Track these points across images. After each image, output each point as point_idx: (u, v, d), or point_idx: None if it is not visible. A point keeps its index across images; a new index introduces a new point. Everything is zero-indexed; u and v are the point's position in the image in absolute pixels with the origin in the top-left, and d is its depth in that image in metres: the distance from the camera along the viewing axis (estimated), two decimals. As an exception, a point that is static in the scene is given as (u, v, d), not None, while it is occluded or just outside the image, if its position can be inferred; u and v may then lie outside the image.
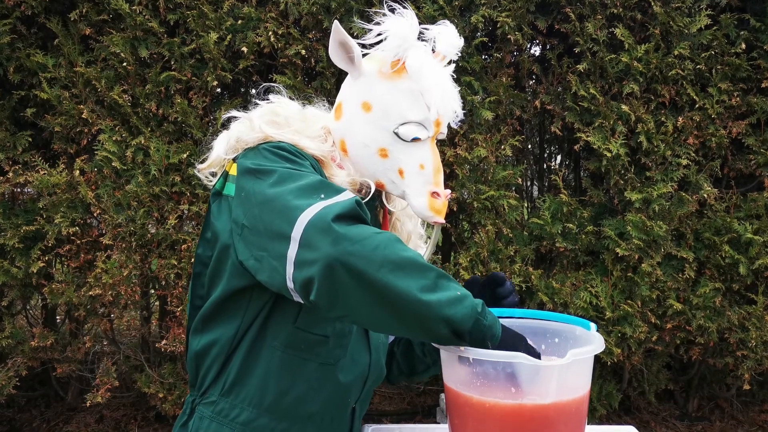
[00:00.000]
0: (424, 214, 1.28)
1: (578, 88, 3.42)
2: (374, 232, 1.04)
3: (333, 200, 1.07)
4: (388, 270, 1.01)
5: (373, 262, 1.01)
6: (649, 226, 3.36)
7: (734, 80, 3.47)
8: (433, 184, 1.28)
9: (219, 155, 1.28)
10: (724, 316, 3.48)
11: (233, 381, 1.25)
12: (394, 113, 1.26)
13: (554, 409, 1.11)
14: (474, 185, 3.42)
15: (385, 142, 1.27)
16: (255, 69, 3.38)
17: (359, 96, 1.30)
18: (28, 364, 3.29)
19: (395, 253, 1.03)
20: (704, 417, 4.08)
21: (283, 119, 1.29)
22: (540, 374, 1.10)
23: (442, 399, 3.74)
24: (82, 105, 3.19)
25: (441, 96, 1.27)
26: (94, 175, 3.23)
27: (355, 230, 1.03)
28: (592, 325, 1.28)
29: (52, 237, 3.18)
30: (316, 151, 1.26)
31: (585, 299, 3.41)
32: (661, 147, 3.42)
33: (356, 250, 1.01)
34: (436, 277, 1.05)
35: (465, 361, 1.13)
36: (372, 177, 1.31)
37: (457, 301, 1.04)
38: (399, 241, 1.06)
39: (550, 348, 1.33)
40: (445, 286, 1.05)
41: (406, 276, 1.02)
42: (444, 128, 1.32)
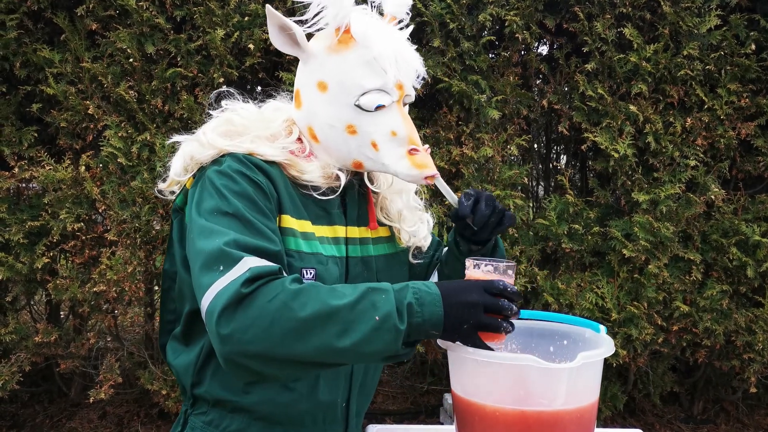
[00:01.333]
0: (411, 174, 1.23)
1: (586, 88, 3.40)
2: (264, 306, 0.98)
3: (226, 279, 1.01)
4: (292, 340, 0.98)
5: (273, 342, 0.98)
6: (656, 227, 3.34)
7: (743, 81, 3.44)
8: (408, 144, 1.23)
9: (176, 176, 1.24)
10: (731, 319, 3.45)
11: (220, 393, 1.23)
12: (350, 86, 1.21)
13: (563, 415, 1.09)
14: (480, 184, 3.40)
15: (350, 118, 1.22)
16: (261, 66, 3.36)
17: (313, 77, 1.25)
18: (31, 359, 3.29)
19: (293, 318, 0.98)
20: (709, 420, 4.06)
21: (240, 127, 1.23)
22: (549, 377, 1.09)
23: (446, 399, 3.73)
24: (88, 101, 3.19)
25: (395, 56, 1.22)
26: (100, 171, 3.22)
27: (241, 318, 0.98)
28: (602, 328, 1.26)
29: (57, 233, 3.17)
30: (277, 156, 1.21)
31: (591, 300, 3.39)
32: (669, 148, 3.39)
33: (249, 339, 0.98)
34: (345, 313, 0.99)
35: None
36: (348, 158, 1.26)
37: (374, 333, 0.99)
38: (296, 297, 0.99)
39: (559, 350, 1.31)
40: (358, 320, 0.99)
41: (313, 334, 0.98)
42: (409, 90, 1.26)
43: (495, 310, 1.04)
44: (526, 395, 1.10)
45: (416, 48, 1.31)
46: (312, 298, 1.00)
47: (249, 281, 1.00)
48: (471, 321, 1.03)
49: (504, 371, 1.11)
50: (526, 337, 1.34)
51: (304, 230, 1.21)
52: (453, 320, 1.03)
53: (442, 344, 1.18)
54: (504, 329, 1.05)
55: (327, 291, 1.02)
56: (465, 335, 1.05)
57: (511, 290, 1.06)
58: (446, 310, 1.02)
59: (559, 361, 1.29)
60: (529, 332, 1.34)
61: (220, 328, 0.98)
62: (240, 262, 1.02)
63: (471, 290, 1.05)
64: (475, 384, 1.14)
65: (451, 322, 1.03)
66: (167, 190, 1.29)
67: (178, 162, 1.25)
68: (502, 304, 1.04)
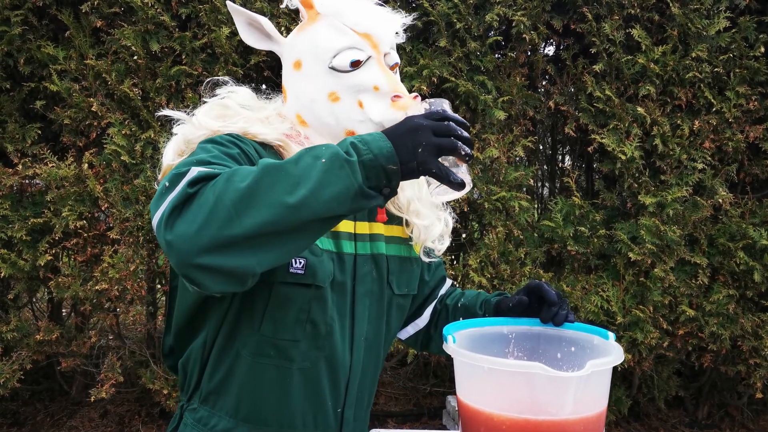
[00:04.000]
0: (392, 116, 1.16)
1: (594, 89, 3.37)
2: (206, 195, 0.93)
3: (170, 195, 0.96)
4: (242, 212, 0.91)
5: (221, 221, 0.91)
6: (663, 230, 3.31)
7: (752, 84, 3.41)
8: (397, 93, 1.18)
9: (169, 162, 1.19)
10: (737, 324, 3.42)
11: (209, 390, 1.21)
12: (321, 52, 1.20)
13: (571, 424, 1.07)
14: (485, 186, 3.38)
15: (330, 85, 1.20)
16: (266, 65, 3.34)
17: (288, 62, 1.25)
18: (32, 357, 3.27)
19: (236, 189, 0.92)
20: (714, 425, 4.03)
21: (233, 110, 1.22)
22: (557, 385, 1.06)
23: (449, 401, 3.71)
24: (91, 98, 3.17)
25: (362, 14, 1.20)
26: (103, 168, 3.21)
27: (186, 213, 0.93)
28: (611, 334, 1.23)
29: (60, 230, 3.16)
30: (270, 135, 1.18)
31: (596, 303, 3.36)
32: (677, 150, 3.37)
33: (197, 230, 0.91)
34: (290, 168, 0.94)
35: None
36: (338, 129, 1.21)
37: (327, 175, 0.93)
38: (235, 173, 0.93)
39: (567, 357, 1.29)
40: (305, 170, 0.93)
41: (263, 197, 0.92)
42: (386, 47, 1.23)
43: (443, 132, 0.99)
44: (533, 404, 1.07)
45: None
46: (251, 168, 0.95)
47: (194, 182, 0.95)
48: (423, 142, 0.97)
49: (511, 379, 1.09)
50: (533, 343, 1.32)
51: None
52: (405, 147, 0.97)
53: (448, 350, 1.16)
54: (460, 148, 0.98)
55: (266, 160, 0.96)
56: (423, 161, 0.97)
57: (453, 116, 1.02)
58: (393, 141, 0.97)
59: (567, 368, 1.27)
60: (537, 338, 1.32)
61: (167, 231, 0.93)
62: (188, 173, 0.97)
63: (412, 119, 1.00)
64: (481, 391, 1.12)
65: (403, 149, 0.97)
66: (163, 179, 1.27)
67: (171, 147, 1.21)
68: (449, 126, 0.99)
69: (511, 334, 1.32)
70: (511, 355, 1.32)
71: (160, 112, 1.30)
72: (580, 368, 1.04)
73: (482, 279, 3.31)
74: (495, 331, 1.31)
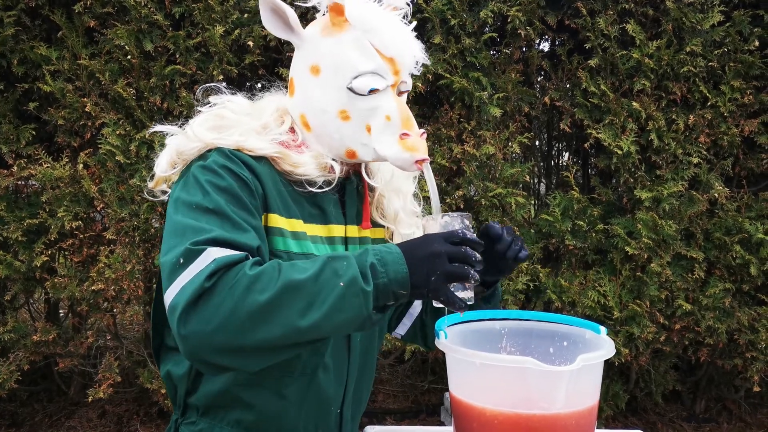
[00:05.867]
0: (401, 158, 1.17)
1: (589, 84, 3.37)
2: (224, 296, 0.95)
3: (189, 273, 0.98)
4: (257, 325, 0.96)
5: (236, 329, 0.95)
6: (659, 225, 3.31)
7: (747, 78, 3.41)
8: (402, 128, 1.18)
9: (162, 173, 1.20)
10: (734, 317, 3.43)
11: (209, 403, 1.20)
12: (344, 68, 1.18)
13: (563, 418, 1.07)
14: (481, 182, 3.38)
15: (343, 103, 1.19)
16: (261, 63, 3.34)
17: (306, 62, 1.23)
18: (30, 358, 3.27)
19: (254, 302, 0.95)
20: (711, 418, 4.03)
21: (229, 121, 1.20)
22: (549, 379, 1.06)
23: (446, 398, 3.71)
24: (85, 98, 3.17)
25: (391, 38, 1.19)
26: (98, 168, 3.20)
27: (203, 311, 0.95)
28: (602, 329, 1.24)
29: (55, 231, 3.15)
30: (267, 149, 1.17)
31: (593, 298, 3.37)
32: (672, 145, 3.37)
33: (212, 330, 0.95)
34: (310, 286, 0.97)
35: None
36: (341, 146, 1.22)
37: (342, 301, 0.97)
38: (256, 280, 0.96)
39: (559, 351, 1.29)
40: (323, 291, 0.97)
41: (278, 314, 0.96)
42: (406, 77, 1.23)
43: (459, 258, 1.03)
44: (526, 398, 1.08)
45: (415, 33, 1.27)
46: (273, 278, 0.97)
47: (212, 274, 0.97)
48: (438, 271, 1.02)
49: (503, 374, 1.09)
50: (526, 338, 1.32)
51: (294, 229, 1.18)
52: (419, 274, 1.02)
53: (440, 346, 1.16)
54: (472, 276, 1.03)
55: (288, 267, 0.99)
56: (434, 288, 1.02)
57: (471, 238, 1.06)
58: (410, 266, 1.02)
59: (560, 363, 1.27)
60: (529, 333, 1.32)
61: (182, 325, 0.96)
62: (203, 254, 0.99)
63: (432, 242, 1.04)
64: (473, 386, 1.12)
65: (418, 276, 1.02)
66: (156, 189, 1.25)
67: (164, 158, 1.21)
68: (465, 252, 1.03)
69: (504, 330, 1.33)
70: (503, 351, 1.32)
71: (153, 128, 1.30)
72: (572, 363, 1.05)
73: (479, 275, 3.30)
74: (487, 327, 1.32)
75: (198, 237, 1.01)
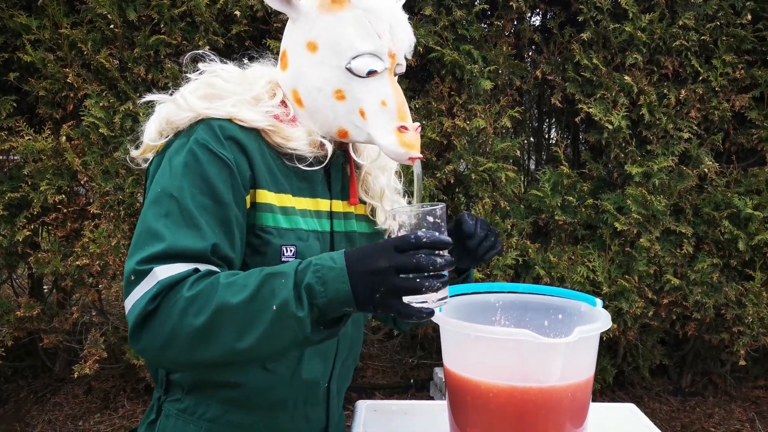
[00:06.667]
0: (396, 152, 1.16)
1: (581, 58, 3.33)
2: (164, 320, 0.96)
3: (138, 292, 0.99)
4: (196, 348, 0.97)
5: (179, 351, 0.98)
6: (649, 200, 3.30)
7: (739, 52, 3.39)
8: (399, 119, 1.16)
9: (151, 141, 1.17)
10: (721, 292, 3.44)
11: (194, 382, 1.18)
12: (343, 47, 1.15)
13: (559, 391, 1.05)
14: (472, 157, 3.35)
15: (340, 82, 1.16)
16: (248, 34, 3.27)
17: (303, 37, 1.19)
18: (14, 334, 3.23)
19: (190, 326, 0.95)
20: (697, 392, 4.08)
21: (221, 90, 1.17)
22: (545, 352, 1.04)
23: (436, 373, 3.71)
24: (67, 68, 3.09)
25: (391, 22, 1.17)
26: (81, 141, 3.13)
27: (148, 334, 0.98)
28: (598, 301, 1.22)
29: (38, 205, 3.09)
30: (260, 121, 1.14)
31: (582, 274, 3.36)
32: (663, 120, 3.35)
33: (158, 350, 0.98)
34: (241, 312, 0.94)
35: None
36: (333, 125, 1.20)
37: (274, 327, 0.94)
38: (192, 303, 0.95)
39: (554, 324, 1.28)
40: (255, 316, 0.94)
41: (213, 340, 0.96)
42: (401, 59, 1.21)
43: (410, 269, 0.92)
44: (522, 371, 1.06)
45: (407, 16, 1.25)
46: (207, 300, 0.95)
47: (154, 297, 0.97)
48: (382, 288, 0.92)
49: (498, 346, 1.07)
50: (520, 311, 1.30)
51: (283, 204, 1.15)
52: (363, 292, 0.93)
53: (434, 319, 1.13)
54: (427, 288, 0.92)
55: (224, 288, 0.96)
56: (382, 305, 0.93)
57: (428, 240, 0.92)
58: (354, 284, 0.93)
59: (555, 336, 1.25)
60: (523, 306, 1.30)
61: (134, 343, 1.00)
62: (149, 275, 0.99)
63: (379, 254, 0.93)
64: (468, 360, 1.10)
65: (362, 294, 0.93)
66: (140, 157, 1.22)
67: (152, 126, 1.17)
68: (417, 262, 0.91)
69: (498, 303, 1.31)
70: (497, 324, 1.30)
71: (143, 98, 1.26)
72: (567, 335, 1.03)
73: (468, 250, 3.29)
74: (481, 300, 1.30)
75: (149, 250, 1.01)
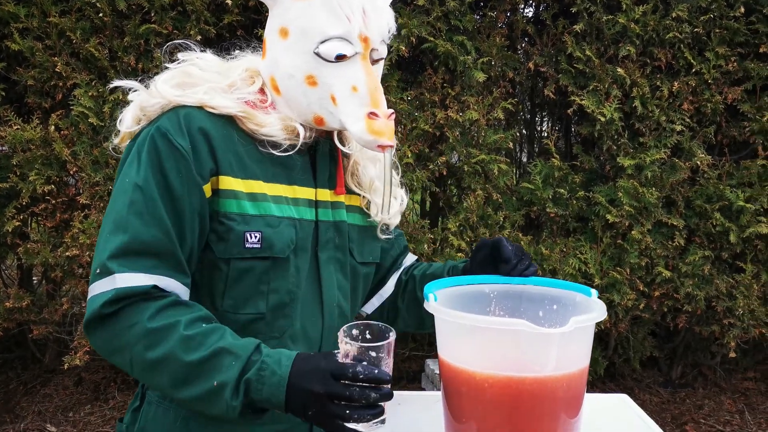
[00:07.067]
0: (364, 139, 1.14)
1: (574, 50, 3.32)
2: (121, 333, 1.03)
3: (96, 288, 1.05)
4: (142, 371, 1.05)
5: (127, 365, 1.06)
6: (641, 192, 3.31)
7: (732, 45, 3.39)
8: (371, 106, 1.14)
9: (127, 129, 1.19)
10: (713, 284, 3.46)
11: None
12: (311, 32, 1.15)
13: (553, 381, 1.05)
14: (464, 149, 3.34)
15: (310, 68, 1.16)
16: (240, 24, 3.24)
17: (276, 23, 1.20)
18: (3, 325, 3.19)
19: (142, 355, 1.02)
20: (687, 384, 4.10)
21: (197, 78, 1.19)
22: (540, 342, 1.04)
23: (428, 365, 3.71)
24: (56, 57, 3.05)
25: (364, 5, 1.15)
26: (71, 131, 3.10)
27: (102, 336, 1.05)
28: (593, 291, 1.21)
29: (27, 195, 3.06)
30: (231, 108, 1.15)
31: (574, 266, 3.37)
32: (656, 112, 3.35)
33: (110, 354, 1.07)
34: (188, 370, 1.01)
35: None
36: (308, 111, 1.19)
37: (209, 397, 1.00)
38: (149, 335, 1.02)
39: (548, 315, 1.27)
40: (198, 379, 1.01)
41: (157, 376, 1.03)
42: (377, 44, 1.19)
43: (343, 399, 0.97)
44: (517, 361, 1.05)
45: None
46: (163, 343, 1.01)
47: (111, 302, 1.03)
48: (313, 410, 0.98)
49: (494, 336, 1.06)
50: (515, 302, 1.30)
51: (252, 191, 1.15)
52: (295, 406, 0.99)
53: (429, 308, 1.13)
54: (356, 419, 0.97)
55: (181, 340, 1.01)
56: (314, 421, 1.00)
57: (364, 376, 0.97)
58: (288, 396, 0.98)
59: (549, 326, 1.24)
60: (518, 296, 1.30)
61: (88, 334, 1.07)
62: (109, 278, 1.04)
63: (317, 377, 0.98)
64: (463, 350, 1.09)
65: (294, 406, 0.99)
66: (121, 145, 1.23)
67: (128, 114, 1.19)
68: (351, 394, 0.96)
69: (493, 293, 1.30)
70: (492, 314, 1.29)
71: (112, 83, 1.29)
72: (562, 326, 1.02)
73: (461, 242, 3.29)
74: (476, 290, 1.29)
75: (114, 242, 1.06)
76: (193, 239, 1.11)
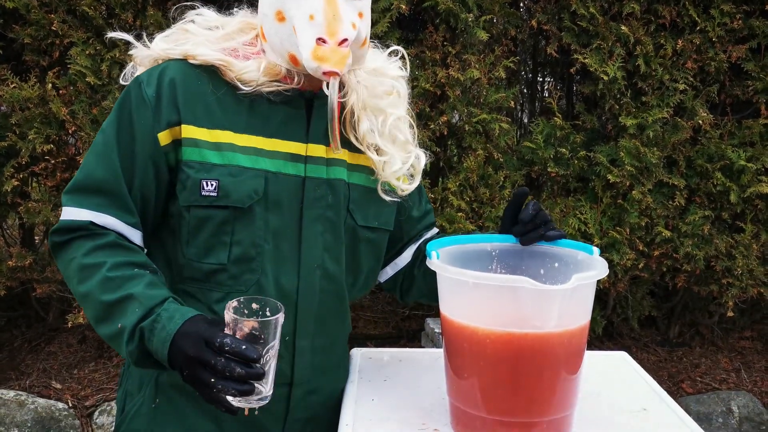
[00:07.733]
0: (310, 67, 1.10)
1: (577, 7, 3.27)
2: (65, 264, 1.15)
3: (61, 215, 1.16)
4: (78, 299, 1.14)
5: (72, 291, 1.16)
6: (643, 152, 3.29)
7: (737, 2, 3.34)
8: (325, 34, 1.10)
9: (126, 83, 1.26)
10: (712, 244, 3.47)
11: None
12: None
13: (555, 337, 1.06)
14: (465, 108, 3.31)
15: (278, 2, 1.15)
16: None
17: None
18: (6, 284, 3.21)
19: (74, 286, 1.13)
20: (684, 343, 4.15)
21: (192, 33, 1.22)
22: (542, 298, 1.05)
23: (428, 323, 3.75)
24: (52, 14, 3.00)
25: None
26: (69, 90, 3.07)
27: (57, 261, 1.18)
28: (595, 249, 1.22)
29: (26, 154, 3.05)
30: (210, 57, 1.18)
31: (573, 225, 3.37)
32: (659, 71, 3.31)
33: (65, 280, 1.18)
34: (101, 309, 1.08)
35: None
36: (282, 50, 1.17)
37: (114, 338, 1.08)
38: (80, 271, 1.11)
39: (550, 272, 1.28)
40: (107, 319, 1.08)
41: (83, 305, 1.13)
42: None
43: (208, 367, 0.97)
44: (518, 317, 1.06)
45: None
46: (87, 280, 1.10)
47: (56, 232, 1.15)
48: (186, 371, 1.01)
49: (496, 293, 1.07)
50: (516, 259, 1.30)
51: (217, 140, 1.16)
52: (175, 364, 1.03)
53: (432, 266, 1.14)
54: (219, 390, 0.96)
55: (101, 280, 1.09)
56: (189, 384, 1.02)
57: (230, 348, 0.95)
58: (170, 353, 1.02)
59: (550, 283, 1.25)
60: (519, 254, 1.30)
61: (54, 258, 1.20)
62: (64, 210, 1.15)
63: (193, 341, 0.99)
64: (465, 307, 1.10)
65: (174, 365, 1.03)
66: None
67: (128, 70, 1.29)
68: (215, 363, 0.96)
69: (495, 251, 1.30)
70: (494, 272, 1.30)
71: (108, 34, 1.38)
72: (563, 283, 1.03)
73: (461, 203, 3.28)
74: (478, 248, 1.29)
75: (75, 178, 1.17)
76: (144, 183, 1.16)
